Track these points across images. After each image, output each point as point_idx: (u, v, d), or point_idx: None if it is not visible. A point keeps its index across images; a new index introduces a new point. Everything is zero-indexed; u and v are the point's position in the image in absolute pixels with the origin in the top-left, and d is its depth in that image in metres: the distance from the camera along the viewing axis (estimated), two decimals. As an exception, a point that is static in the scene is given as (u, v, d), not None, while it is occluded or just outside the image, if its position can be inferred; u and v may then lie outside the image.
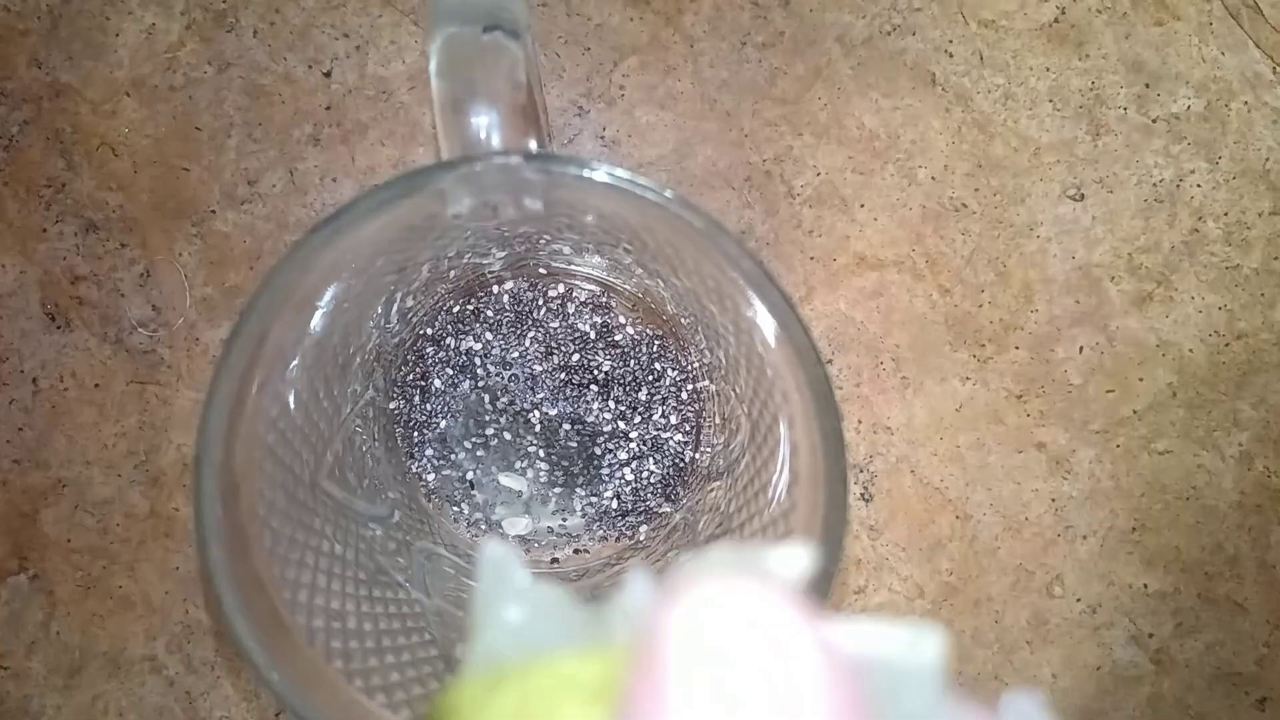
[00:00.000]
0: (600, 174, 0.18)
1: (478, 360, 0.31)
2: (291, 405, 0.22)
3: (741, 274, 0.18)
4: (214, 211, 0.32)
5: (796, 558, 0.11)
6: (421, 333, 0.31)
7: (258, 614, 0.19)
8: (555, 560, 0.31)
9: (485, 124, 0.20)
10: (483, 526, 0.31)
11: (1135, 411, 0.33)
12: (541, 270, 0.30)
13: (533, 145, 0.20)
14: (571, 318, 0.31)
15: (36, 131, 0.32)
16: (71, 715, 0.32)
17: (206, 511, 0.18)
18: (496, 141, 0.20)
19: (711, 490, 0.28)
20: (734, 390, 0.25)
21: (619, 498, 0.31)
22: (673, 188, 0.19)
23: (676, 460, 0.31)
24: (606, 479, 0.31)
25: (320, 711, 0.19)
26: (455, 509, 0.31)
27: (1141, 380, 0.33)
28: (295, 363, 0.22)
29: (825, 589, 0.18)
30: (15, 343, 0.32)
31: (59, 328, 0.32)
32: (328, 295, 0.22)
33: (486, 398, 0.31)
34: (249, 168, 0.32)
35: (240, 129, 0.32)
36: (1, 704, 0.32)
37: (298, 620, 0.20)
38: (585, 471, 0.31)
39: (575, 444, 0.31)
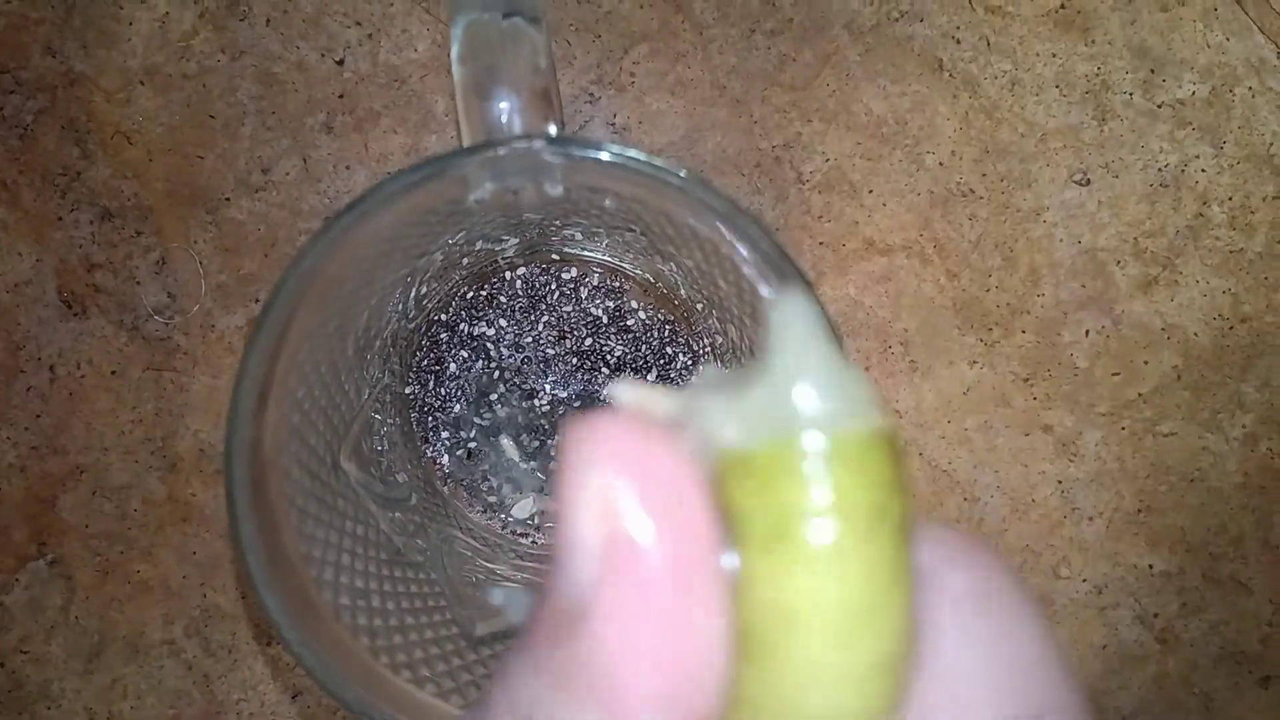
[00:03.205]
0: (620, 157, 0.19)
1: (491, 345, 0.31)
2: (315, 387, 0.22)
3: (760, 254, 0.18)
4: (228, 199, 0.32)
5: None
6: (436, 319, 0.31)
7: (287, 590, 0.20)
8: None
9: (507, 109, 0.20)
10: (495, 509, 0.31)
11: (1141, 394, 0.34)
12: (554, 256, 0.31)
13: (553, 130, 0.21)
14: (584, 302, 0.31)
15: (51, 120, 0.32)
16: (91, 699, 0.33)
17: (238, 488, 0.18)
18: (518, 126, 0.20)
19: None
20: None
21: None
22: (690, 169, 0.19)
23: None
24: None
25: (348, 686, 0.19)
26: (468, 493, 0.31)
27: (1147, 363, 0.34)
28: (319, 345, 0.22)
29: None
30: (32, 330, 0.32)
31: (75, 315, 0.32)
32: (350, 279, 0.22)
33: (499, 381, 0.31)
34: (263, 155, 0.32)
35: (254, 117, 0.32)
36: (21, 688, 0.33)
37: (324, 597, 0.21)
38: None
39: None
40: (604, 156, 0.18)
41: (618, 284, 0.31)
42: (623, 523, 0.10)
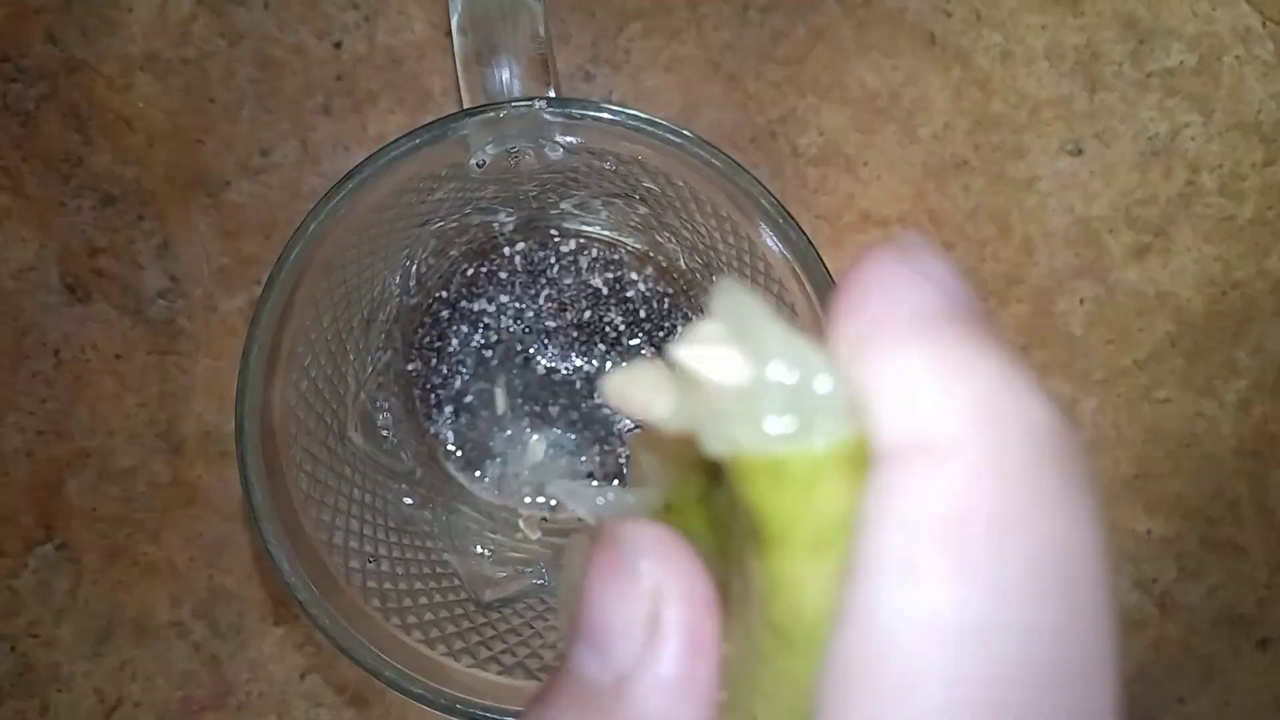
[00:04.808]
0: (620, 114, 0.19)
1: (491, 320, 0.31)
2: (320, 356, 0.23)
3: (759, 210, 0.19)
4: (229, 182, 0.33)
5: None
6: (436, 296, 0.31)
7: (300, 554, 0.20)
8: (580, 520, 0.32)
9: (507, 75, 0.20)
10: (497, 483, 0.32)
11: (1135, 361, 0.34)
12: (552, 231, 0.31)
13: (552, 94, 0.21)
14: (584, 273, 0.31)
15: (53, 107, 0.33)
16: (100, 681, 0.33)
17: (250, 451, 0.19)
18: (518, 91, 0.20)
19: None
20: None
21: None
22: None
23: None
24: (620, 434, 0.31)
25: (362, 645, 0.20)
26: (471, 468, 0.31)
27: (1141, 330, 0.34)
28: (324, 314, 0.22)
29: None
30: (36, 316, 0.33)
31: (79, 300, 0.33)
32: (355, 246, 0.22)
33: (500, 356, 0.31)
34: (262, 138, 0.33)
35: (253, 100, 0.33)
36: (32, 670, 0.33)
37: (335, 561, 0.21)
38: (599, 427, 0.31)
39: (588, 399, 0.31)
40: (604, 115, 0.19)
41: (617, 256, 0.31)
42: (665, 614, 0.11)
